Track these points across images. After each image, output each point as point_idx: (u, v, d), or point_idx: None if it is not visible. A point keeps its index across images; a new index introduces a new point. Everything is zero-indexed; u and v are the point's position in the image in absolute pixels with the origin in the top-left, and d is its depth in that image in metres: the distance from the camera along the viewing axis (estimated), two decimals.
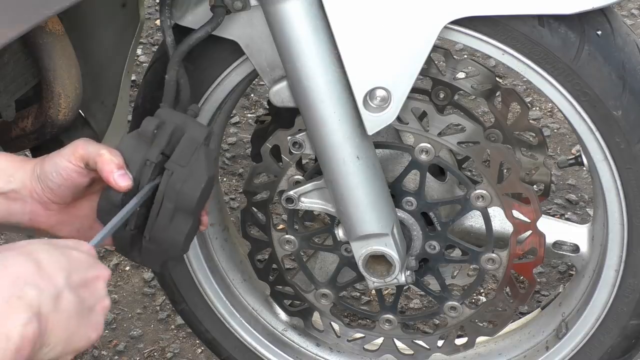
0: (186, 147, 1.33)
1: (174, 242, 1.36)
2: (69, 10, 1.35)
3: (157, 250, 1.37)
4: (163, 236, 1.35)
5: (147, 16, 3.03)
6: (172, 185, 1.32)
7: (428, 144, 1.47)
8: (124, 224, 1.33)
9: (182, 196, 1.33)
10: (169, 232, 1.35)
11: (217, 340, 1.79)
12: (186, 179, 1.33)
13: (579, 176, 2.49)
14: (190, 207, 1.34)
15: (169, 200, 1.33)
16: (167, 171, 1.33)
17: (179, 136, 1.34)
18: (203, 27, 1.39)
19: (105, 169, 1.29)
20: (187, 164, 1.33)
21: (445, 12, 1.33)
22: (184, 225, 1.35)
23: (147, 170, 1.32)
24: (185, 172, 1.33)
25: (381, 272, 1.50)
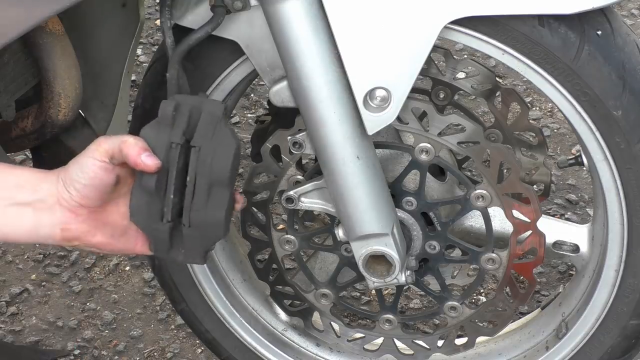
0: (208, 122, 1.32)
1: (216, 221, 1.33)
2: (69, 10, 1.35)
3: (199, 237, 1.34)
4: (203, 217, 1.32)
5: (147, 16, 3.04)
6: (203, 160, 1.30)
7: (428, 144, 1.47)
8: (160, 216, 1.31)
9: (214, 168, 1.31)
10: (208, 211, 1.32)
11: (217, 340, 1.79)
12: (215, 150, 1.31)
13: (579, 176, 2.49)
14: (224, 178, 1.31)
15: (202, 176, 1.30)
16: (194, 149, 1.30)
17: (197, 115, 1.32)
18: (203, 27, 1.39)
19: (131, 153, 1.28)
20: (212, 137, 1.31)
21: (445, 12, 1.33)
22: (222, 200, 1.32)
23: (173, 153, 1.30)
24: (212, 145, 1.31)
25: (381, 272, 1.50)
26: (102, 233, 1.35)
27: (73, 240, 1.34)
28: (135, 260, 2.34)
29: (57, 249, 2.37)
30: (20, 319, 2.22)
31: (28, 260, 2.36)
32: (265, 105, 2.70)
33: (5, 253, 2.38)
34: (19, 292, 2.28)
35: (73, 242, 1.35)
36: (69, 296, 2.27)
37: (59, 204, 1.31)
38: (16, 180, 1.33)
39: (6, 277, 2.32)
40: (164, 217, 1.33)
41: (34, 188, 1.32)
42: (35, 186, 1.32)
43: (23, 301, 2.26)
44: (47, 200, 1.31)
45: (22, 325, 2.20)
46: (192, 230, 1.34)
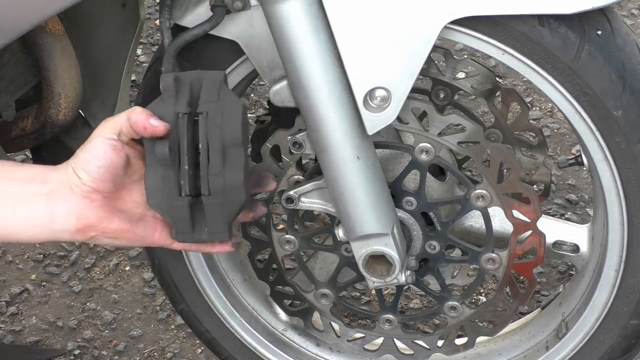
0: (210, 88, 1.31)
1: (236, 182, 1.30)
2: (69, 10, 1.35)
3: (221, 205, 1.31)
4: (222, 180, 1.30)
5: (147, 16, 3.04)
6: (212, 123, 1.29)
7: (428, 143, 1.47)
8: (178, 191, 1.29)
9: (225, 129, 1.29)
10: (226, 173, 1.30)
11: (217, 340, 1.79)
12: (222, 112, 1.29)
13: (579, 176, 2.49)
14: (237, 137, 1.29)
15: (214, 140, 1.29)
16: (201, 115, 1.29)
17: (198, 86, 1.31)
18: (201, 24, 1.39)
19: (139, 119, 1.27)
20: (217, 100, 1.30)
21: (445, 12, 1.33)
22: (239, 160, 1.30)
23: (181, 122, 1.29)
24: (219, 107, 1.29)
25: (381, 272, 1.50)
26: (120, 218, 1.32)
27: (89, 231, 1.31)
28: (135, 260, 2.35)
29: (57, 248, 2.37)
30: (20, 319, 2.22)
31: (28, 260, 2.36)
32: (265, 105, 2.70)
33: (5, 253, 2.38)
34: (19, 292, 2.28)
35: (89, 234, 1.32)
36: (69, 296, 2.27)
37: (72, 192, 1.29)
38: (25, 174, 1.31)
39: (6, 277, 2.32)
40: (182, 190, 1.30)
41: (44, 179, 1.30)
42: (45, 177, 1.30)
43: (23, 301, 2.26)
44: (60, 190, 1.29)
45: (22, 325, 2.20)
46: (213, 198, 1.31)
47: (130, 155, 1.32)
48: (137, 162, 1.34)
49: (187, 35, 1.39)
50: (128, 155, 1.31)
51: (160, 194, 1.31)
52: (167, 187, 1.31)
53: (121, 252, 2.37)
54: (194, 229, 1.34)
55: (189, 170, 1.30)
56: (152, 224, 1.36)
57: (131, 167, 1.33)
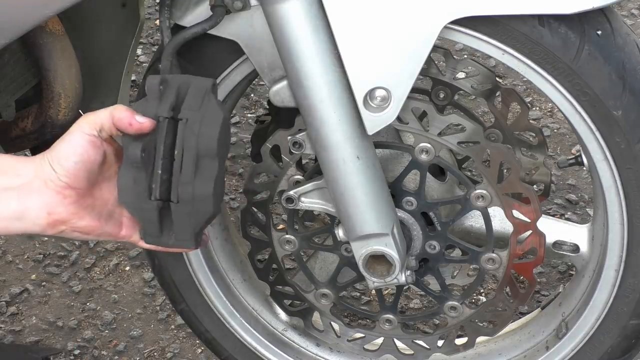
0: (195, 95, 1.29)
1: (204, 194, 1.28)
2: (69, 10, 1.35)
3: (188, 214, 1.30)
4: (191, 190, 1.28)
5: (147, 16, 3.04)
6: (190, 131, 1.27)
7: (428, 143, 1.47)
8: (149, 194, 1.28)
9: (201, 139, 1.27)
10: (196, 184, 1.28)
11: (217, 340, 1.79)
12: (202, 120, 1.27)
13: (579, 176, 2.49)
14: (212, 148, 1.27)
15: (189, 148, 1.27)
16: (181, 121, 1.28)
17: (185, 91, 1.30)
18: (201, 23, 1.39)
19: (124, 116, 1.26)
20: (199, 108, 1.28)
21: (445, 12, 1.33)
22: (211, 172, 1.28)
23: (161, 126, 1.28)
24: (199, 115, 1.28)
25: (381, 272, 1.50)
26: (90, 216, 1.32)
27: (59, 225, 1.31)
28: (135, 260, 2.34)
29: (57, 248, 2.37)
30: (20, 319, 2.22)
31: (28, 260, 2.36)
32: (265, 105, 2.70)
33: (5, 253, 2.38)
34: (19, 292, 2.28)
35: (59, 228, 1.31)
36: (69, 296, 2.27)
37: (46, 186, 1.28)
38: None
39: (6, 277, 2.32)
40: (152, 194, 1.29)
41: (17, 172, 1.29)
42: (19, 170, 1.29)
43: (23, 301, 2.26)
44: (33, 183, 1.28)
45: (22, 325, 2.20)
46: (181, 206, 1.29)
47: (107, 152, 1.31)
48: (112, 158, 1.33)
49: (186, 34, 1.39)
50: (105, 152, 1.31)
51: (131, 194, 1.30)
52: (138, 189, 1.30)
53: (121, 252, 2.37)
54: (162, 232, 1.33)
55: (162, 175, 1.29)
56: (119, 221, 1.36)
57: (106, 163, 1.33)
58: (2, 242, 2.40)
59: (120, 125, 1.27)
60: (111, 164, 1.34)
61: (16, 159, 1.31)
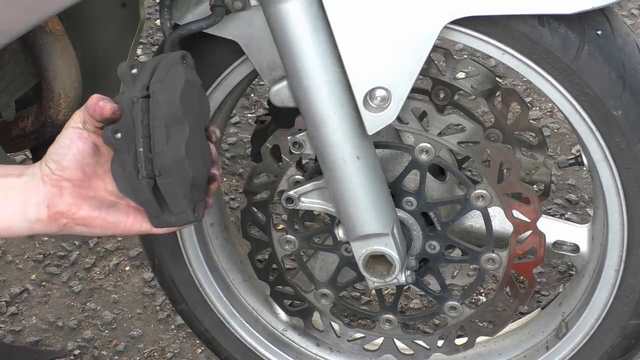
0: (163, 68, 1.30)
1: (177, 159, 1.28)
2: (69, 10, 1.35)
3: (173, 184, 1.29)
4: (166, 157, 1.28)
5: (147, 16, 3.04)
6: (154, 102, 1.27)
7: (428, 143, 1.47)
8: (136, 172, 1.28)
9: (164, 106, 1.27)
10: (169, 150, 1.28)
11: (217, 340, 1.79)
12: (164, 88, 1.28)
13: (579, 176, 2.49)
14: (176, 112, 1.26)
15: (156, 119, 1.27)
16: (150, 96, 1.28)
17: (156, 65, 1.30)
18: (199, 21, 1.39)
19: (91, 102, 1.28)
20: (164, 79, 1.28)
21: (445, 12, 1.33)
22: (180, 136, 1.27)
23: (136, 107, 1.28)
24: (163, 85, 1.28)
25: (381, 272, 1.50)
26: (89, 205, 1.33)
27: (60, 218, 1.33)
28: (135, 260, 2.35)
29: (57, 248, 2.37)
30: (20, 319, 2.22)
31: (28, 260, 2.36)
32: (265, 105, 2.70)
33: (5, 253, 2.38)
34: (19, 292, 2.28)
35: (61, 221, 1.33)
36: (69, 296, 2.27)
37: (43, 182, 1.31)
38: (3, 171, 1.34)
39: (6, 277, 2.32)
40: (139, 173, 1.29)
41: (19, 174, 1.33)
42: (21, 172, 1.33)
43: (23, 301, 2.26)
44: (33, 182, 1.32)
45: (22, 325, 2.20)
46: (164, 177, 1.29)
47: (99, 144, 1.33)
48: (108, 151, 1.35)
49: (182, 30, 1.39)
50: (96, 144, 1.32)
51: (123, 179, 1.30)
52: (127, 173, 1.30)
53: (121, 252, 2.37)
54: (163, 211, 1.33)
55: (144, 153, 1.28)
56: (125, 211, 1.36)
57: (102, 156, 1.34)
58: (2, 242, 2.40)
59: (90, 113, 1.30)
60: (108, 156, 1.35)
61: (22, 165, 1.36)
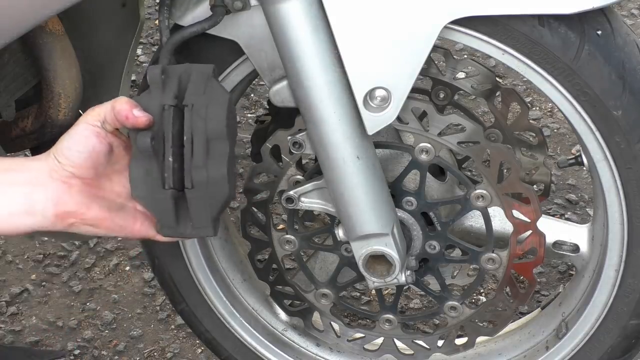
0: (198, 80, 1.29)
1: (219, 176, 1.28)
2: (69, 10, 1.35)
3: (204, 198, 1.29)
4: (205, 174, 1.28)
5: (147, 16, 3.04)
6: (197, 115, 1.27)
7: (428, 143, 1.47)
8: (162, 184, 1.28)
9: (209, 122, 1.27)
10: (210, 167, 1.28)
11: (217, 340, 1.79)
12: (207, 104, 1.27)
13: (579, 176, 2.49)
14: (221, 130, 1.27)
15: (198, 133, 1.27)
16: (187, 107, 1.28)
17: (186, 79, 1.30)
18: (200, 22, 1.38)
19: (122, 108, 1.26)
20: (203, 92, 1.28)
21: (445, 12, 1.33)
22: (222, 153, 1.28)
23: (167, 115, 1.28)
24: (204, 99, 1.28)
25: (381, 272, 1.50)
26: (99, 205, 1.31)
27: (67, 218, 1.30)
28: (135, 260, 2.35)
29: (57, 248, 2.37)
30: (20, 319, 2.22)
31: (28, 260, 2.36)
32: (265, 105, 2.70)
33: (5, 253, 2.38)
34: (19, 292, 2.28)
35: (68, 220, 1.30)
36: (69, 296, 2.27)
37: (51, 177, 1.27)
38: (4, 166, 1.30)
39: (6, 277, 2.32)
40: (165, 182, 1.29)
41: (23, 168, 1.29)
42: (24, 166, 1.29)
43: (23, 301, 2.26)
44: (38, 176, 1.27)
45: (22, 325, 2.20)
46: (196, 191, 1.29)
47: (114, 145, 1.31)
48: (121, 151, 1.33)
49: (184, 32, 1.39)
50: (111, 144, 1.30)
51: (144, 185, 1.29)
52: (150, 179, 1.29)
53: (121, 252, 2.37)
54: (179, 222, 1.33)
55: (173, 163, 1.28)
56: (133, 215, 1.35)
57: (114, 156, 1.32)
58: (2, 242, 2.40)
59: (119, 118, 1.27)
60: (120, 157, 1.33)
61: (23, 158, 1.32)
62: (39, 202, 1.28)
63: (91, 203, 1.31)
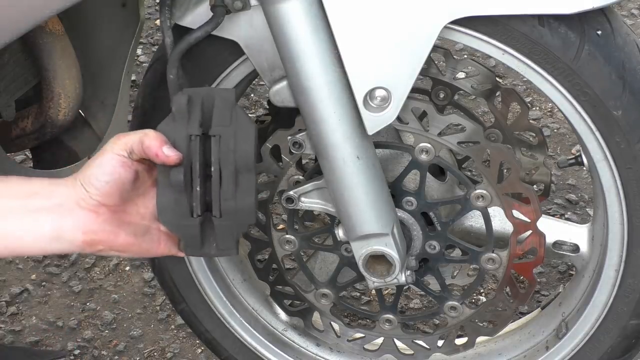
0: (223, 109, 1.31)
1: (247, 207, 1.32)
2: (69, 10, 1.35)
3: (231, 226, 1.33)
4: (234, 205, 1.32)
5: (147, 16, 3.04)
6: (225, 147, 1.30)
7: (428, 143, 1.47)
8: (190, 212, 1.30)
9: (238, 154, 1.30)
10: (238, 198, 1.32)
11: (217, 340, 1.79)
12: (235, 135, 1.30)
13: (579, 176, 2.49)
14: (249, 161, 1.31)
15: (226, 164, 1.30)
16: (214, 137, 1.30)
17: (209, 105, 1.32)
18: (203, 26, 1.39)
19: (152, 145, 1.27)
20: (230, 122, 1.31)
21: (445, 12, 1.33)
22: (250, 185, 1.32)
23: (194, 145, 1.30)
24: (231, 130, 1.30)
25: (381, 272, 1.50)
26: (126, 232, 1.32)
27: (96, 245, 1.31)
28: (135, 260, 2.34)
29: None
30: (20, 319, 2.22)
31: (28, 260, 2.36)
32: (265, 105, 2.70)
33: None
34: (19, 292, 2.28)
35: (97, 247, 1.32)
36: (69, 296, 2.27)
37: (79, 206, 1.28)
38: (29, 189, 1.30)
39: (6, 277, 2.32)
40: (194, 211, 1.31)
41: (49, 194, 1.29)
42: (51, 192, 1.29)
43: (23, 301, 2.26)
44: (66, 204, 1.28)
45: (22, 325, 2.20)
46: (224, 219, 1.32)
47: (139, 171, 1.32)
48: (145, 175, 1.34)
49: (190, 38, 1.39)
50: (137, 171, 1.32)
51: (172, 213, 1.32)
52: (178, 207, 1.32)
53: None
54: (204, 245, 1.36)
55: (200, 191, 1.31)
56: (157, 237, 1.37)
57: (139, 180, 1.33)
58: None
59: (149, 153, 1.28)
60: (144, 180, 1.35)
61: (48, 180, 1.32)
62: (68, 231, 1.29)
63: (119, 230, 1.32)
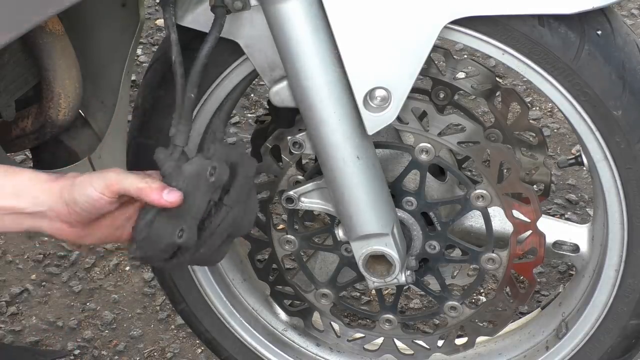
0: (243, 186, 1.38)
1: (214, 260, 1.44)
2: (69, 10, 1.35)
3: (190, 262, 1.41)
4: (209, 255, 1.40)
5: (147, 16, 3.04)
6: (232, 219, 1.37)
7: (428, 143, 1.47)
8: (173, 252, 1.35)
9: (241, 228, 1.41)
10: (214, 253, 1.40)
11: (217, 340, 1.79)
12: (244, 214, 1.39)
13: (579, 176, 2.49)
14: (242, 234, 1.45)
15: (225, 229, 1.37)
16: (225, 207, 1.36)
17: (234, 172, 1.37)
18: (210, 33, 1.36)
19: (152, 197, 1.29)
20: (244, 201, 1.38)
21: (445, 12, 1.33)
22: (228, 247, 1.42)
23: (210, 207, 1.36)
24: (242, 208, 1.38)
25: (381, 272, 1.50)
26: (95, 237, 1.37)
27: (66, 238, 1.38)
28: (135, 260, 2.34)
29: (57, 248, 2.37)
30: (20, 319, 2.22)
31: (28, 260, 2.36)
32: (265, 105, 2.70)
33: (6, 253, 2.38)
34: (19, 292, 2.28)
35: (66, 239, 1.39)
36: (69, 296, 2.27)
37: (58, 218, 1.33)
38: (13, 188, 1.32)
39: (6, 277, 2.32)
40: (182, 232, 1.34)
41: (34, 200, 1.32)
42: (36, 198, 1.32)
43: (23, 301, 2.26)
44: (47, 214, 1.32)
45: (22, 325, 2.20)
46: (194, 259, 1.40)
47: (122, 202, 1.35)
48: None
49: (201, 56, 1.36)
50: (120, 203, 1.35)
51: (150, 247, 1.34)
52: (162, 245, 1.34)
53: (121, 252, 2.36)
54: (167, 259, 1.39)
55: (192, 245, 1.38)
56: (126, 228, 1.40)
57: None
58: (2, 242, 2.40)
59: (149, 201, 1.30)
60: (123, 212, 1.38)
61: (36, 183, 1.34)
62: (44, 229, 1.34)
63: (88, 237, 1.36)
